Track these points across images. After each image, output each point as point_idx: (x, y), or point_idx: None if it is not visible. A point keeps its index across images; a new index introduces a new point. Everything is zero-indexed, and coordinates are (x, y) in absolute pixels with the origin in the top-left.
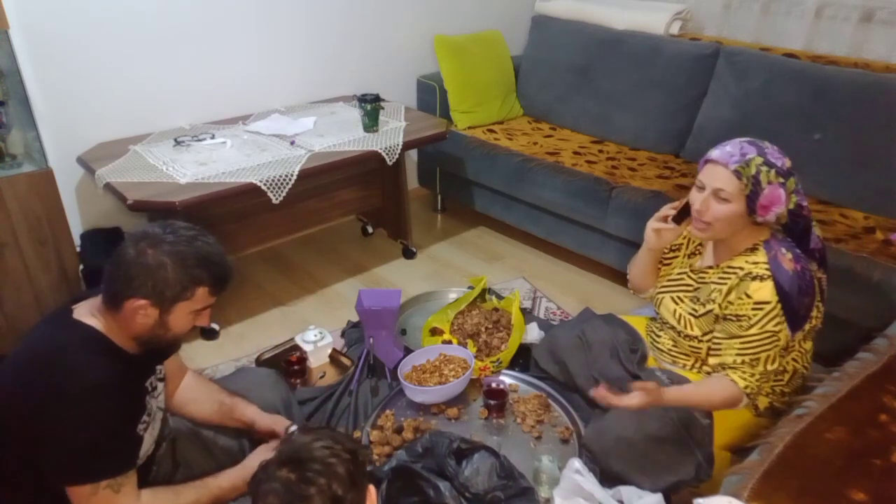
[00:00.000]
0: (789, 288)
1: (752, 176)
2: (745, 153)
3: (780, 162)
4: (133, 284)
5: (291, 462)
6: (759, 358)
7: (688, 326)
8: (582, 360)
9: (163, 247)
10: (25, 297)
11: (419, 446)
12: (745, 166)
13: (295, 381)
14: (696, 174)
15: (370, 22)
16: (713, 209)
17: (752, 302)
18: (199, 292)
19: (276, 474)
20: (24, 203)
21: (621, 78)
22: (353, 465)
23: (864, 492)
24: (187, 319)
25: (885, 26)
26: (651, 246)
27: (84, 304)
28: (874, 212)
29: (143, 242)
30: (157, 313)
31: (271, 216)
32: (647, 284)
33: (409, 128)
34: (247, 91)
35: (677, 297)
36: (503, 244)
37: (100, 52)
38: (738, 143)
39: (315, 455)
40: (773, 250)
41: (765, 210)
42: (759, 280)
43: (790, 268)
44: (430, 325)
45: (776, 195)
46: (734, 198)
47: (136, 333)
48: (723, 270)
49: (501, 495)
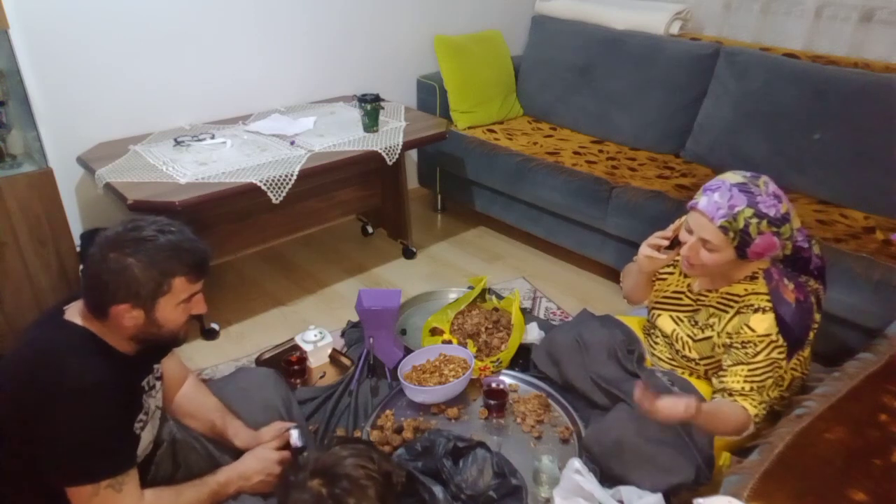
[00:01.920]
0: (790, 320)
1: (740, 230)
2: (732, 205)
3: (773, 210)
4: (108, 290)
5: (325, 475)
6: (765, 385)
7: (685, 348)
8: (579, 362)
9: (125, 248)
10: (25, 297)
11: (418, 445)
12: (733, 220)
13: (295, 381)
14: (696, 174)
15: (370, 22)
16: (701, 255)
17: (756, 334)
18: (175, 283)
19: (307, 484)
20: (24, 203)
21: (621, 78)
22: (386, 487)
23: (864, 492)
24: (177, 312)
25: (885, 26)
26: (644, 270)
27: (75, 304)
28: (874, 212)
29: (106, 247)
30: (142, 313)
31: (271, 216)
32: (640, 298)
33: (409, 128)
34: (247, 91)
35: (677, 318)
36: (503, 244)
37: (100, 52)
38: (728, 192)
39: (349, 473)
40: (775, 281)
41: (757, 255)
42: (761, 312)
43: (792, 299)
44: (430, 325)
45: (769, 243)
46: (721, 248)
47: (130, 335)
48: (721, 296)
49: (494, 495)
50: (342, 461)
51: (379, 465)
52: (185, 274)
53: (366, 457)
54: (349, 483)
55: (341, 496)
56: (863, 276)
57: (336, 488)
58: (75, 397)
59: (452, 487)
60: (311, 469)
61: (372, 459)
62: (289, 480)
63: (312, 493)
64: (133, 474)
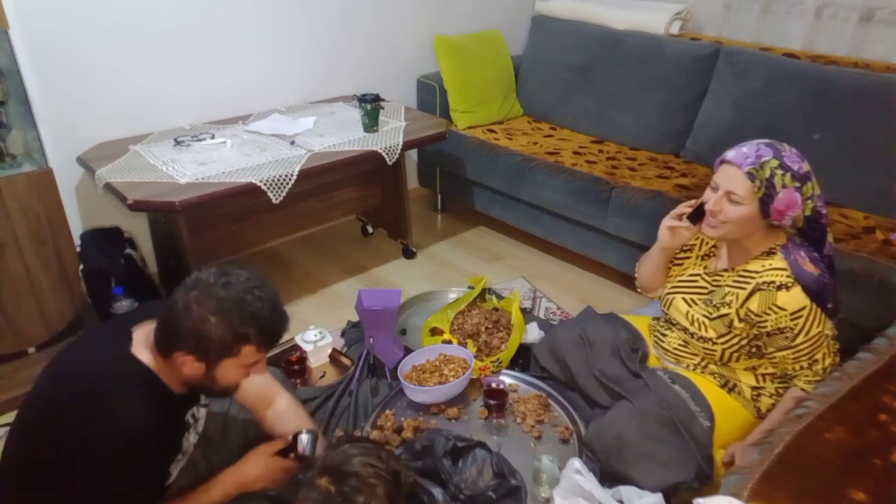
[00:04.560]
0: (817, 287)
1: (766, 179)
2: (760, 155)
3: (796, 166)
4: (179, 338)
5: (334, 473)
6: (817, 359)
7: (702, 328)
8: (583, 359)
9: (210, 302)
10: (25, 297)
11: (417, 445)
12: (759, 169)
13: (295, 381)
14: (696, 174)
15: (370, 22)
16: (726, 210)
17: (788, 313)
18: (245, 349)
19: (315, 482)
20: (24, 203)
21: (621, 78)
22: (394, 486)
23: (864, 492)
24: (236, 374)
25: (885, 26)
26: (664, 244)
27: (143, 330)
28: (874, 212)
29: (193, 294)
30: (203, 367)
31: (271, 216)
32: (656, 284)
33: (409, 128)
34: (247, 91)
35: (690, 300)
36: (503, 244)
37: (100, 52)
38: (756, 145)
39: (358, 471)
40: (793, 254)
41: (780, 214)
42: (785, 289)
43: (812, 270)
44: (430, 325)
45: (791, 199)
46: (747, 200)
47: (185, 380)
48: (738, 274)
49: (494, 495)
50: (351, 459)
51: (387, 464)
52: (257, 343)
53: (374, 455)
54: (358, 481)
55: (350, 494)
56: (863, 276)
57: (345, 486)
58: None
59: (451, 487)
60: (320, 467)
61: (380, 458)
62: (297, 478)
63: (321, 490)
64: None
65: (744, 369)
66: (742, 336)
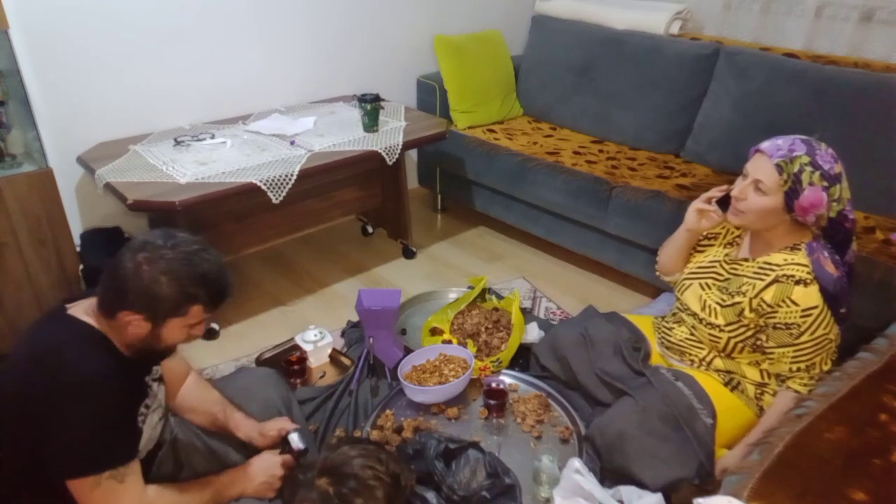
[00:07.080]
0: (833, 289)
1: (794, 174)
2: (792, 149)
3: (828, 165)
4: (127, 298)
5: (332, 473)
6: (815, 363)
7: (712, 314)
8: (584, 357)
9: (160, 263)
10: (25, 297)
11: (410, 448)
12: (789, 162)
13: (295, 381)
14: (696, 174)
15: (370, 22)
16: (750, 199)
17: (799, 309)
18: (193, 309)
19: (314, 482)
20: (24, 203)
21: (621, 78)
22: (394, 489)
23: (864, 492)
24: (181, 333)
25: (885, 26)
26: (690, 226)
27: (79, 303)
28: (874, 212)
29: (141, 255)
30: (149, 326)
31: (271, 216)
32: (675, 267)
33: (409, 128)
34: (247, 91)
35: (705, 284)
36: (503, 244)
37: (100, 52)
38: (792, 139)
39: (357, 473)
40: (816, 253)
41: (804, 211)
42: (803, 285)
43: (832, 271)
44: (430, 325)
45: (817, 198)
46: (772, 191)
47: (127, 342)
48: (758, 265)
49: (487, 495)
50: (350, 461)
51: (387, 466)
52: (205, 303)
53: (374, 457)
54: (357, 483)
55: (348, 496)
56: (863, 276)
57: (343, 488)
58: (77, 389)
59: (445, 489)
60: (319, 468)
61: (380, 460)
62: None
63: (320, 491)
64: (135, 466)
65: (748, 364)
66: (749, 327)
